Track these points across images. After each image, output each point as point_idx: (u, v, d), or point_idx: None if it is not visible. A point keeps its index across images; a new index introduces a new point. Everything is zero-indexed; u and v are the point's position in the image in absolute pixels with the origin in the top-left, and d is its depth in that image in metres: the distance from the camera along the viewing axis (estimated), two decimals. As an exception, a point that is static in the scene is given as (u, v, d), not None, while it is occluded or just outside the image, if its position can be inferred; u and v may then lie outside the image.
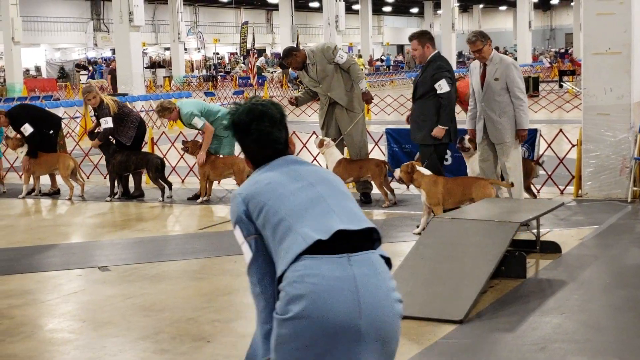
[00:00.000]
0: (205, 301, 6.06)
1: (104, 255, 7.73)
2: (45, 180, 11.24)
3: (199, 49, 52.72)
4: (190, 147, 10.12)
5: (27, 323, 5.71)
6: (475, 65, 8.12)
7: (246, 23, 50.51)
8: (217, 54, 53.44)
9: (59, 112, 17.88)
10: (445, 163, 9.10)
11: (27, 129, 10.73)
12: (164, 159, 10.82)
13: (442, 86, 8.15)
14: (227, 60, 55.74)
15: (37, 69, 46.72)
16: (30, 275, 7.00)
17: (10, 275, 7.00)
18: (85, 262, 7.45)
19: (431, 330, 5.21)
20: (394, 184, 9.31)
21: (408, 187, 8.39)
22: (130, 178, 10.71)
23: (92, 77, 42.41)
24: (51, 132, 11.02)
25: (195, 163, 10.39)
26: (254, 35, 48.76)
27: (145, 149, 11.62)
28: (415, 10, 68.82)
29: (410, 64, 46.79)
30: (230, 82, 40.28)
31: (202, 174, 10.04)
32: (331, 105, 9.57)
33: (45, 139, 10.90)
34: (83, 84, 36.38)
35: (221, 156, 10.11)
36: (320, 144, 9.43)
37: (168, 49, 47.45)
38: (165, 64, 48.04)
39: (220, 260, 7.29)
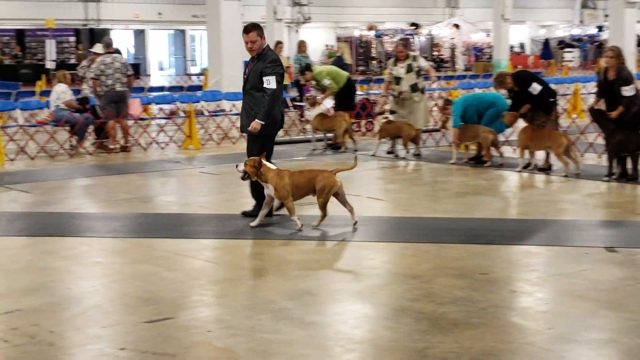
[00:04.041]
0: None
1: (611, 236, 7.54)
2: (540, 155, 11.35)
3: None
4: None
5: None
6: None
7: None
8: None
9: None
10: None
11: (536, 87, 11.01)
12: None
13: (271, 82, 8.01)
14: None
15: (521, 46, 47.55)
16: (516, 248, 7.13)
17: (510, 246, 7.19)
18: (592, 241, 7.35)
19: None
20: None
21: (253, 179, 7.85)
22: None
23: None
24: (550, 99, 11.16)
25: None
26: None
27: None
28: None
29: None
30: None
31: None
32: None
33: (543, 103, 11.08)
34: (567, 61, 36.13)
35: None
36: None
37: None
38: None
39: None
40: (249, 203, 9.55)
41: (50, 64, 32.84)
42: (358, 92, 16.40)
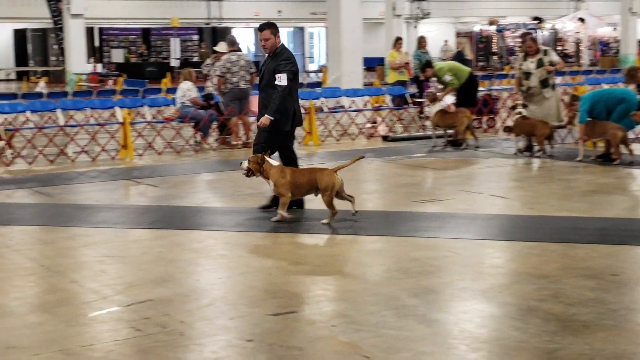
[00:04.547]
0: None
1: None
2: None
3: None
4: None
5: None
6: None
7: None
8: None
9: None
10: None
11: None
12: None
13: (282, 79, 8.25)
14: None
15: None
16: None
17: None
18: None
19: None
20: None
21: (257, 177, 8.19)
22: None
23: None
24: None
25: None
26: None
27: None
28: None
29: None
30: None
31: None
32: None
33: None
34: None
35: None
36: None
37: None
38: None
39: None
40: (370, 199, 9.57)
41: (174, 62, 33.86)
42: (479, 88, 16.13)
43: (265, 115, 8.40)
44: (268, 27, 8.50)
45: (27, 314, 5.49)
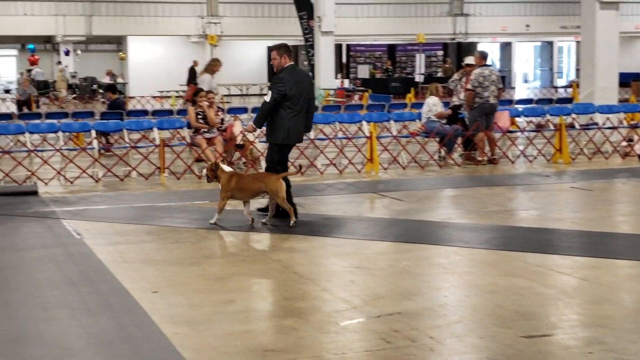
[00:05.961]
0: None
1: None
2: None
3: None
4: None
5: None
6: None
7: None
8: None
9: None
10: None
11: None
12: None
13: (268, 95, 9.07)
14: None
15: None
16: None
17: None
18: None
19: None
20: None
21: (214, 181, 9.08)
22: None
23: None
24: None
25: None
26: None
27: None
28: None
29: None
30: None
31: None
32: None
33: None
34: None
35: None
36: None
37: None
38: None
39: None
40: (626, 221, 9.08)
41: (418, 77, 34.14)
42: None
43: (251, 123, 9.46)
44: (276, 49, 9.28)
45: (282, 318, 5.70)
